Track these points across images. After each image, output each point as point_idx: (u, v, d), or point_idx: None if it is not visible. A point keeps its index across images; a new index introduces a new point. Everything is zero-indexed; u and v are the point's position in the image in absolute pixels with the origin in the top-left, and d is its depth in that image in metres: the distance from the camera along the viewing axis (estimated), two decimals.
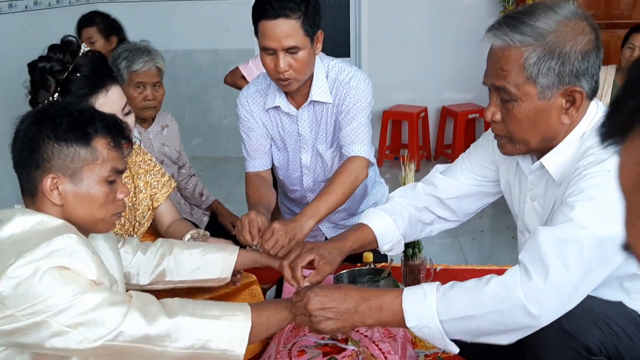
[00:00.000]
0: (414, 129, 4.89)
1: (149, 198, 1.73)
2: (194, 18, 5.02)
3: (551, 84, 1.16)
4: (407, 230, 1.56)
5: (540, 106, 1.18)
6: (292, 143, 1.95)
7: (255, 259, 1.60)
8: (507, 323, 1.09)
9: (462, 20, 4.93)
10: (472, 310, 1.10)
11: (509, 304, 1.07)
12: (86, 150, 1.18)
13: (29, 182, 1.19)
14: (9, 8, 3.72)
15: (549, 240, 1.08)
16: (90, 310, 1.09)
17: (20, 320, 1.06)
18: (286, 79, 1.70)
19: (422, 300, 1.14)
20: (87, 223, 1.22)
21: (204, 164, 5.04)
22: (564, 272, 1.06)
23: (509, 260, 3.23)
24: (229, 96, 5.29)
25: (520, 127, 1.21)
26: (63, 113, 1.18)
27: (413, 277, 1.96)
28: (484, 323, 1.10)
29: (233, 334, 1.19)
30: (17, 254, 1.07)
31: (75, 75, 1.46)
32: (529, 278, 1.07)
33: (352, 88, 1.81)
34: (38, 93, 1.46)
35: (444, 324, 1.12)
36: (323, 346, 1.46)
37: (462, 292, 1.13)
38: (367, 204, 2.17)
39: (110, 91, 1.50)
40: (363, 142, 1.82)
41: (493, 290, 1.09)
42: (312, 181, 2.02)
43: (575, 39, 1.14)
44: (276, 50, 1.65)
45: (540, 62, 1.14)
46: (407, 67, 5.11)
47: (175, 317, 1.15)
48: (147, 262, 1.51)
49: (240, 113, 1.93)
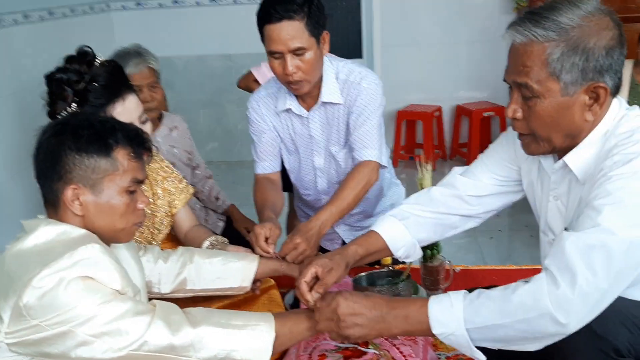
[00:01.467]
0: (429, 129, 4.86)
1: (167, 205, 1.74)
2: (207, 24, 5.05)
3: (575, 80, 1.14)
4: (422, 234, 1.55)
5: (563, 103, 1.16)
6: (303, 145, 1.95)
7: (275, 268, 1.61)
8: (535, 331, 1.08)
9: (475, 18, 4.90)
10: (499, 319, 1.09)
11: (536, 313, 1.06)
12: (107, 161, 1.19)
13: (51, 193, 1.20)
14: (24, 19, 3.77)
15: (576, 247, 1.06)
16: (114, 320, 1.10)
17: (46, 330, 1.07)
18: (296, 81, 1.70)
19: (449, 308, 1.14)
20: (108, 233, 1.23)
21: (219, 169, 5.06)
22: (592, 280, 1.04)
23: (529, 260, 3.21)
24: (243, 100, 5.26)
25: (543, 124, 1.19)
26: (84, 124, 1.19)
27: (432, 279, 1.95)
28: (511, 331, 1.09)
29: (257, 344, 1.19)
30: (42, 264, 1.08)
31: (93, 85, 1.47)
32: (556, 286, 1.05)
33: (363, 89, 1.80)
34: (56, 104, 1.48)
35: (471, 332, 1.11)
36: (344, 350, 1.46)
37: (488, 301, 1.11)
38: (383, 205, 2.16)
39: (127, 100, 1.51)
40: (374, 146, 1.82)
41: (520, 299, 1.08)
42: (327, 183, 2.02)
43: (599, 35, 1.12)
44: (283, 53, 1.66)
45: (563, 57, 1.13)
46: (420, 66, 5.09)
47: (198, 327, 1.16)
48: (169, 270, 1.52)
49: (251, 116, 1.94)
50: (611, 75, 1.15)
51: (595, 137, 1.20)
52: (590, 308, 1.06)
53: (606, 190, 1.09)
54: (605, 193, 1.09)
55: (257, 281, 1.61)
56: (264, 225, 1.63)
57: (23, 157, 3.97)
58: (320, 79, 1.80)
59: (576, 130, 1.20)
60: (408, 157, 5.05)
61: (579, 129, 1.20)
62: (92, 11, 4.72)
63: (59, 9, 4.19)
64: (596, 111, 1.17)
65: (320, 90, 1.82)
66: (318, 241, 1.68)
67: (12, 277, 1.10)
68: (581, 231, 1.09)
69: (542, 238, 1.44)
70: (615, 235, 1.05)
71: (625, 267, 1.06)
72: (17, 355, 1.11)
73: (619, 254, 1.05)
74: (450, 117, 5.22)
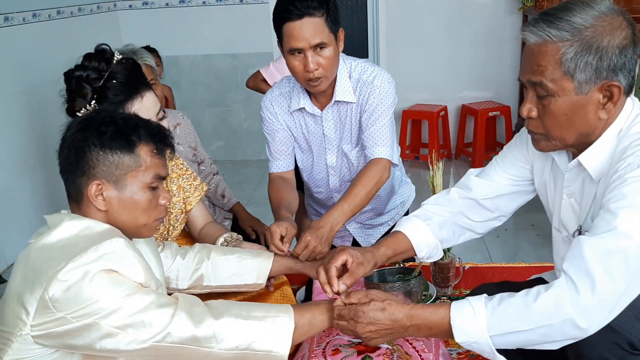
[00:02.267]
0: (434, 128, 4.87)
1: (182, 201, 1.76)
2: (213, 23, 5.07)
3: (588, 78, 1.15)
4: (444, 235, 1.57)
5: (578, 101, 1.17)
6: (317, 144, 1.97)
7: (290, 266, 1.63)
8: (555, 335, 1.10)
9: (480, 18, 4.91)
10: (522, 326, 1.11)
11: (558, 319, 1.08)
12: (130, 158, 1.21)
13: (74, 188, 1.22)
14: (33, 17, 3.79)
15: (594, 252, 1.08)
16: (138, 312, 1.11)
17: (71, 322, 1.09)
18: (316, 78, 1.71)
19: (472, 317, 1.15)
20: (131, 228, 1.25)
21: (225, 168, 5.08)
22: (611, 285, 1.06)
23: (535, 258, 3.22)
24: (248, 100, 5.33)
25: (557, 122, 1.21)
26: (108, 121, 1.21)
27: (442, 276, 1.96)
28: (533, 336, 1.11)
29: (277, 335, 1.21)
30: (67, 258, 1.10)
31: (112, 82, 1.49)
32: (577, 292, 1.07)
33: (375, 87, 1.81)
34: (75, 101, 1.49)
35: (494, 339, 1.13)
36: (357, 345, 1.47)
37: (511, 308, 1.13)
38: (394, 204, 2.17)
39: (145, 97, 1.53)
40: (386, 144, 1.83)
41: (542, 307, 1.10)
42: (339, 181, 2.03)
43: (613, 34, 1.14)
44: (304, 49, 1.67)
45: (577, 56, 1.14)
46: (425, 66, 5.11)
47: (221, 319, 1.18)
48: (186, 267, 1.53)
49: (264, 115, 1.96)
50: (625, 74, 1.16)
51: (609, 137, 1.21)
52: (609, 312, 1.08)
53: (622, 193, 1.10)
54: (621, 196, 1.10)
55: (272, 278, 1.62)
56: (280, 223, 1.64)
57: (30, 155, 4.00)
58: (334, 78, 1.82)
59: (590, 129, 1.21)
60: (414, 157, 5.05)
61: (592, 127, 1.21)
62: (99, 10, 4.74)
63: (67, 8, 4.21)
64: (610, 109, 1.18)
65: (333, 89, 1.83)
66: (330, 239, 1.69)
67: (37, 270, 1.11)
68: (598, 235, 1.10)
69: (556, 235, 1.45)
70: (632, 239, 1.06)
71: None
72: (41, 348, 1.13)
73: (635, 258, 1.06)
74: (456, 117, 5.23)
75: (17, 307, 1.12)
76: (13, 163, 3.52)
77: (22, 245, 1.22)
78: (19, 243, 3.77)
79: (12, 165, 3.51)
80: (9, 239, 3.40)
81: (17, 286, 1.14)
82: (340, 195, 2.02)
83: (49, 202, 3.78)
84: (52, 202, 3.79)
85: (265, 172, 2.04)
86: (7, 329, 1.13)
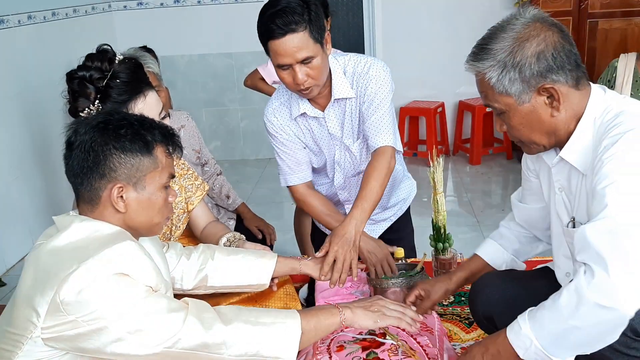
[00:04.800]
0: (432, 125, 4.88)
1: (184, 201, 1.76)
2: (208, 22, 5.06)
3: (522, 89, 1.26)
4: (518, 248, 1.66)
5: (526, 109, 1.28)
6: (326, 145, 1.96)
7: (293, 267, 1.63)
8: (595, 324, 1.10)
9: (476, 13, 4.90)
10: (559, 326, 1.14)
11: (584, 308, 1.09)
12: (149, 159, 1.22)
13: (90, 191, 1.21)
14: (28, 19, 3.78)
15: (598, 236, 1.11)
16: (149, 317, 1.12)
17: (82, 325, 1.09)
18: (307, 87, 1.72)
19: (520, 331, 1.20)
20: (145, 228, 1.27)
21: (223, 167, 4.99)
22: (624, 261, 1.07)
23: None
24: (245, 99, 5.32)
25: (520, 131, 1.32)
26: (125, 124, 1.22)
27: (444, 272, 1.96)
28: (577, 333, 1.12)
29: (284, 341, 1.22)
30: (78, 261, 1.10)
31: (115, 81, 1.49)
32: (593, 276, 1.09)
33: (372, 78, 1.82)
34: (78, 101, 1.49)
35: (546, 348, 1.16)
36: (362, 341, 1.47)
37: (545, 311, 1.17)
38: (396, 199, 2.17)
39: (148, 96, 1.53)
40: (388, 130, 1.83)
41: (567, 300, 1.12)
42: (342, 177, 2.03)
43: (522, 46, 1.24)
44: (291, 65, 1.66)
45: (500, 77, 1.26)
46: (422, 63, 5.10)
47: (230, 325, 1.18)
48: (190, 267, 1.54)
49: (270, 129, 1.94)
50: (559, 72, 1.24)
51: (585, 127, 1.28)
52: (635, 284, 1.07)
53: (603, 174, 1.17)
54: (603, 177, 1.16)
55: (275, 278, 1.63)
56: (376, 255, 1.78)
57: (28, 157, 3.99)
58: (329, 78, 1.82)
59: (552, 127, 1.29)
60: (412, 154, 5.06)
61: (554, 125, 1.29)
62: (94, 11, 4.73)
63: (62, 10, 4.20)
64: (558, 107, 1.26)
65: (330, 88, 1.83)
66: (358, 241, 1.68)
67: (48, 273, 1.11)
68: (596, 219, 1.13)
69: (554, 229, 1.48)
70: (625, 213, 1.10)
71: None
72: (52, 350, 1.13)
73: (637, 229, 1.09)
74: (453, 113, 5.23)
75: (27, 310, 1.11)
76: (10, 166, 3.51)
77: (21, 249, 1.22)
78: (18, 246, 3.77)
79: (10, 168, 3.50)
80: (8, 242, 3.38)
81: (27, 289, 1.14)
82: (345, 192, 2.02)
83: (48, 205, 3.77)
84: (50, 205, 3.78)
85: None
86: (17, 331, 1.13)
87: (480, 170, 4.81)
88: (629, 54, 3.26)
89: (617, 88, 3.18)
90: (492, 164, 4.92)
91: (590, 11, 4.38)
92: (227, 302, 1.62)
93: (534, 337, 1.17)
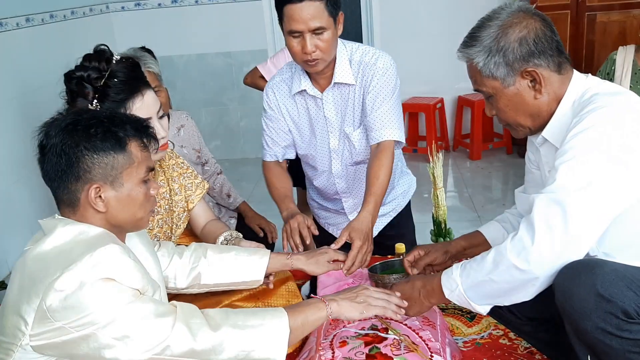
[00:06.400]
0: (431, 121, 4.88)
1: (183, 200, 1.76)
2: (206, 22, 5.06)
3: (506, 73, 1.36)
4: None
5: (511, 92, 1.38)
6: (319, 128, 1.98)
7: (285, 262, 1.63)
8: (509, 281, 1.26)
9: (475, 9, 4.86)
10: (481, 276, 1.31)
11: (503, 266, 1.25)
12: (123, 156, 1.21)
13: (68, 194, 1.20)
14: (26, 22, 3.78)
15: (538, 206, 1.23)
16: (137, 322, 1.11)
17: (70, 332, 1.08)
18: (313, 59, 1.75)
19: (451, 275, 1.38)
20: (130, 224, 1.26)
21: (223, 166, 4.99)
22: (549, 234, 1.20)
23: None
24: (244, 98, 5.32)
25: (507, 114, 1.42)
26: (94, 123, 1.19)
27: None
28: (495, 285, 1.29)
29: (273, 341, 1.23)
30: (62, 267, 1.09)
31: (113, 81, 1.49)
32: (519, 241, 1.24)
33: (379, 69, 1.85)
34: (76, 101, 1.50)
35: (467, 292, 1.34)
36: (364, 336, 1.48)
37: (473, 263, 1.34)
38: (395, 194, 2.18)
39: (146, 95, 1.54)
40: (394, 125, 1.86)
41: (491, 257, 1.29)
42: (340, 165, 2.04)
43: (506, 33, 1.35)
44: (303, 32, 1.70)
45: (487, 61, 1.37)
46: (420, 58, 5.10)
47: (218, 330, 1.18)
48: (183, 265, 1.54)
49: (265, 103, 2.00)
50: (541, 57, 1.34)
51: (564, 109, 1.37)
52: (553, 255, 1.21)
53: (564, 150, 1.26)
54: (562, 153, 1.26)
55: (270, 275, 1.63)
56: (296, 219, 1.73)
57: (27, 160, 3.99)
58: (333, 60, 1.85)
59: (535, 109, 1.39)
60: (411, 150, 5.06)
61: (537, 107, 1.38)
62: (91, 13, 4.73)
63: (60, 12, 4.20)
64: (540, 90, 1.36)
65: (333, 71, 1.86)
66: (371, 231, 1.74)
67: (34, 279, 1.11)
68: (543, 191, 1.25)
69: None
70: (567, 189, 1.20)
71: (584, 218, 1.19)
72: (43, 357, 1.12)
73: (573, 206, 1.19)
74: (452, 109, 5.23)
75: (15, 318, 1.11)
76: (11, 169, 3.51)
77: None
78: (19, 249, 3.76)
79: (10, 171, 3.50)
80: (9, 245, 3.39)
81: (14, 296, 1.13)
82: (342, 181, 2.04)
83: (49, 207, 3.76)
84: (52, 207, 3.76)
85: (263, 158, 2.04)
86: (7, 339, 1.13)
87: (481, 166, 4.81)
88: (628, 47, 3.26)
89: (616, 80, 3.18)
90: (492, 159, 4.92)
91: (589, 4, 4.37)
92: (229, 300, 1.63)
93: (460, 282, 1.35)
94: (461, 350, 1.59)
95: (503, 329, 1.68)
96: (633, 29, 4.29)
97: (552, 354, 1.55)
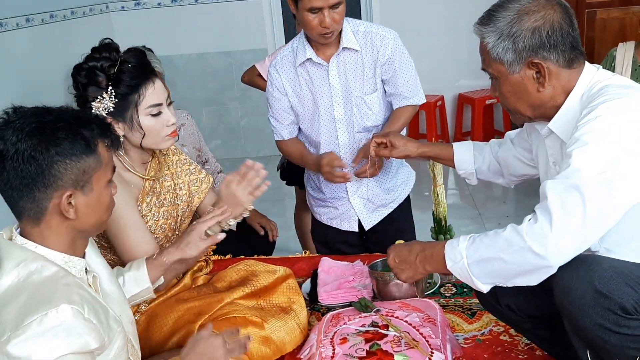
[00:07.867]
0: (432, 118, 4.88)
1: (187, 195, 1.77)
2: (206, 21, 5.06)
3: (513, 59, 1.33)
4: (482, 170, 1.83)
5: (515, 79, 1.36)
6: (323, 97, 2.05)
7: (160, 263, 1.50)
8: (522, 263, 1.22)
9: (474, 5, 4.87)
10: (491, 253, 1.26)
11: (518, 247, 1.21)
12: (93, 159, 1.15)
13: (33, 203, 1.12)
14: (26, 22, 3.79)
15: (553, 191, 1.20)
16: None
17: None
18: (331, 31, 1.90)
19: (456, 246, 1.33)
20: (95, 227, 1.21)
21: (224, 166, 4.99)
22: (566, 218, 1.17)
23: None
24: (245, 97, 5.32)
25: (508, 99, 1.40)
26: (61, 125, 1.12)
27: None
28: (503, 264, 1.24)
29: None
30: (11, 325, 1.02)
31: (126, 66, 1.52)
32: (535, 224, 1.20)
33: (389, 40, 2.02)
34: (87, 90, 1.51)
35: (471, 267, 1.29)
36: (365, 333, 1.48)
37: (485, 238, 1.29)
38: (396, 182, 2.19)
39: (156, 82, 1.57)
40: (419, 89, 2.09)
41: (507, 235, 1.24)
42: (347, 134, 2.08)
43: (521, 19, 1.31)
44: (322, 8, 1.85)
45: (496, 43, 1.34)
46: (420, 56, 5.05)
47: None
48: None
49: (268, 85, 2.11)
50: (551, 51, 1.31)
51: (572, 102, 1.34)
52: (570, 243, 1.18)
53: (575, 137, 1.24)
54: (574, 140, 1.24)
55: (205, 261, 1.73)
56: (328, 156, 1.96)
57: None
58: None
59: (537, 101, 1.36)
60: None
61: (539, 99, 1.36)
62: (91, 12, 4.73)
63: (60, 12, 4.20)
64: (544, 83, 1.33)
65: (340, 39, 1.99)
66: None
67: None
68: (558, 176, 1.22)
69: None
70: (581, 172, 1.18)
71: (598, 203, 1.17)
72: None
73: (590, 190, 1.17)
74: (453, 106, 5.23)
75: None
76: None
77: None
78: None
79: None
80: None
81: None
82: (348, 152, 2.11)
83: None
84: None
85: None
86: None
87: None
88: (628, 43, 3.25)
89: None
90: None
91: (588, 1, 4.36)
92: (231, 298, 1.64)
93: (465, 255, 1.30)
94: (462, 347, 1.60)
95: (504, 326, 1.68)
96: (633, 25, 4.29)
97: (552, 350, 1.55)
